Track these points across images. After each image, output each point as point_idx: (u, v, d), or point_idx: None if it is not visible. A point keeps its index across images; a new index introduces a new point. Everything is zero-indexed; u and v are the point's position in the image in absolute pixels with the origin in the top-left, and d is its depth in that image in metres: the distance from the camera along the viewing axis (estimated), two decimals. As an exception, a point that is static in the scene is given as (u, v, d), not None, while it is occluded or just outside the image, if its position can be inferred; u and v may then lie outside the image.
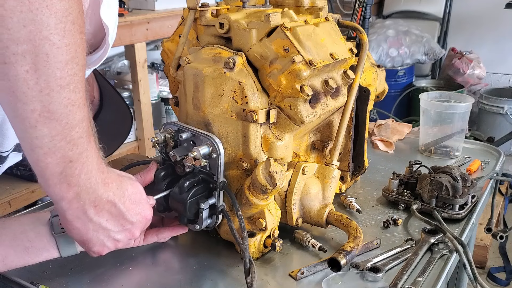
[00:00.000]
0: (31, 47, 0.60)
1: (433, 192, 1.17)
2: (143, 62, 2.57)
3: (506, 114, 3.88)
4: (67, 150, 0.68)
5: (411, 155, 1.57)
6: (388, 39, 4.06)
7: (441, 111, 1.54)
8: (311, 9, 1.09)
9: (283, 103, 0.95)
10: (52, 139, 0.66)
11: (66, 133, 0.67)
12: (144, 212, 0.86)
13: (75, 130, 0.68)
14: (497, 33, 4.36)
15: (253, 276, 0.86)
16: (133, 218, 0.83)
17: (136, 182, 0.87)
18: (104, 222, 0.79)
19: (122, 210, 0.80)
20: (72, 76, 0.65)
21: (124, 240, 0.85)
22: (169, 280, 0.96)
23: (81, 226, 0.78)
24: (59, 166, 0.69)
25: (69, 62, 0.64)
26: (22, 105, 0.63)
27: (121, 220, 0.81)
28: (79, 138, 0.69)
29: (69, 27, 0.63)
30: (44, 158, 0.67)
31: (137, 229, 0.85)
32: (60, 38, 0.62)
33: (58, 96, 0.64)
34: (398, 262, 1.00)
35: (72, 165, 0.70)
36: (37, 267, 0.97)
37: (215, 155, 0.94)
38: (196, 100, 0.99)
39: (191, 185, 0.94)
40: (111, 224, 0.80)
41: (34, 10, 0.59)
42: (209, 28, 1.02)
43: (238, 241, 0.91)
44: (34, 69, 0.62)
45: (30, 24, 0.59)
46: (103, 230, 0.80)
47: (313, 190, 1.04)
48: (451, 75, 4.30)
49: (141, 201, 0.85)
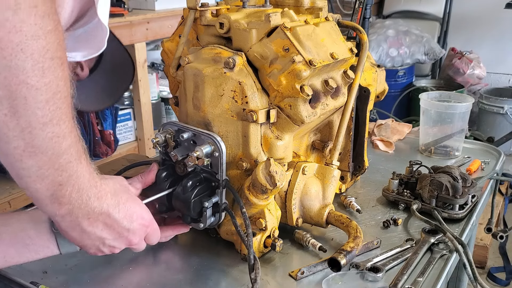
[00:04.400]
0: (7, 92, 0.59)
1: (433, 192, 1.17)
2: (143, 62, 2.57)
3: (506, 114, 3.88)
4: (56, 176, 0.68)
5: (411, 155, 1.57)
6: (388, 39, 4.06)
7: (441, 111, 1.54)
8: (311, 9, 1.09)
9: (283, 103, 0.95)
10: (39, 168, 0.66)
11: (53, 162, 0.67)
12: (142, 219, 0.85)
13: (63, 158, 0.68)
14: (497, 33, 4.36)
15: (257, 272, 0.86)
16: (129, 225, 0.82)
17: (130, 189, 0.87)
18: (99, 232, 0.79)
19: (117, 218, 0.80)
20: (54, 111, 0.64)
21: (120, 247, 0.85)
22: (169, 280, 0.96)
23: (76, 235, 0.78)
24: (49, 191, 0.69)
25: (50, 100, 0.62)
26: (5, 144, 0.63)
27: (117, 228, 0.81)
28: (68, 163, 0.69)
29: (48, 64, 0.61)
30: (33, 184, 0.68)
31: (135, 235, 0.85)
32: (39, 78, 0.60)
33: (41, 132, 0.63)
34: (398, 262, 1.00)
35: (62, 187, 0.70)
36: (37, 267, 0.97)
37: (217, 154, 0.94)
38: (196, 100, 0.99)
39: (194, 184, 0.94)
40: (106, 233, 0.80)
41: (7, 56, 0.57)
42: (209, 28, 1.02)
43: (242, 238, 0.91)
44: (13, 112, 0.60)
45: (4, 71, 0.58)
46: (99, 238, 0.80)
47: (313, 190, 1.04)
48: (451, 75, 4.30)
49: (137, 208, 0.85)
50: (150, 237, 0.90)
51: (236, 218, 0.94)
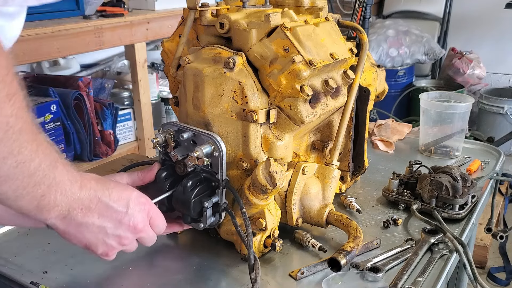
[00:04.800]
0: None
1: (433, 192, 1.17)
2: (143, 62, 2.57)
3: (506, 114, 3.88)
4: (35, 192, 0.69)
5: (411, 155, 1.57)
6: (388, 39, 4.06)
7: (441, 111, 1.54)
8: (311, 9, 1.09)
9: (283, 103, 0.95)
10: (15, 191, 0.67)
11: (26, 182, 0.67)
12: (138, 201, 0.83)
13: (36, 175, 0.68)
14: (497, 33, 4.36)
15: (257, 272, 0.86)
16: (125, 209, 0.81)
17: (115, 176, 0.88)
18: (96, 221, 0.78)
19: (108, 202, 0.79)
20: (11, 144, 0.64)
21: (127, 236, 0.83)
22: (169, 280, 0.96)
23: (74, 232, 0.78)
24: (32, 204, 0.70)
25: (3, 138, 0.63)
26: None
27: (113, 214, 0.80)
28: (43, 177, 0.69)
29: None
30: (14, 203, 0.69)
31: (136, 220, 0.82)
32: None
33: (4, 165, 0.64)
34: (398, 262, 1.00)
35: (44, 197, 0.71)
36: (37, 267, 0.97)
37: (217, 154, 0.94)
38: (196, 100, 0.99)
39: (194, 184, 0.94)
40: (104, 220, 0.79)
41: None
42: (209, 28, 1.02)
43: (242, 238, 0.91)
44: None
45: None
46: (98, 228, 0.79)
47: (313, 190, 1.04)
48: (451, 75, 4.30)
49: (129, 191, 0.83)
50: (155, 222, 0.87)
51: (236, 218, 0.94)
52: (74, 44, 2.14)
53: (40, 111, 2.04)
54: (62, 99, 2.16)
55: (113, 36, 2.32)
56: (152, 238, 0.89)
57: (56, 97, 2.15)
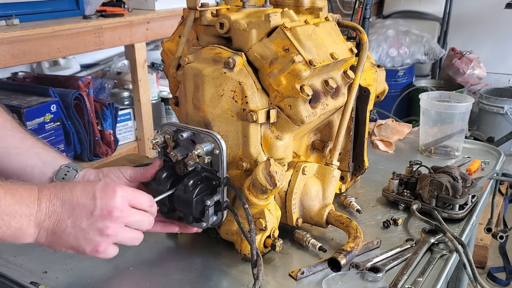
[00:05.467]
0: None
1: (433, 192, 1.17)
2: (143, 62, 2.57)
3: (506, 114, 3.88)
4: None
5: (411, 155, 1.57)
6: (388, 39, 4.06)
7: (441, 111, 1.54)
8: (311, 9, 1.09)
9: (283, 103, 0.95)
10: None
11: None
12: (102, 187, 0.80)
13: None
14: (497, 33, 4.36)
15: (260, 269, 0.85)
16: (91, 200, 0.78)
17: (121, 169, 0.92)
18: (68, 222, 0.78)
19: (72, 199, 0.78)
20: None
21: (106, 224, 0.79)
22: (169, 280, 0.96)
23: (56, 240, 0.79)
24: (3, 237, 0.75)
25: None
26: None
27: (81, 209, 0.78)
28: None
29: None
30: None
31: (107, 205, 0.78)
32: None
33: None
34: (398, 262, 1.00)
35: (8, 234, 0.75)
36: (37, 267, 0.97)
37: (217, 151, 0.94)
38: (196, 100, 0.99)
39: (195, 183, 0.94)
40: (75, 219, 0.78)
41: None
42: (209, 28, 1.02)
43: (245, 233, 0.91)
44: None
45: None
46: (73, 228, 0.78)
47: (313, 190, 1.04)
48: (451, 75, 4.30)
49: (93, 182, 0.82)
50: (135, 200, 0.83)
51: (238, 216, 0.94)
52: (74, 44, 2.14)
53: (40, 111, 2.04)
54: (62, 99, 2.16)
55: (113, 36, 2.32)
56: (144, 218, 0.84)
57: (56, 97, 2.15)
